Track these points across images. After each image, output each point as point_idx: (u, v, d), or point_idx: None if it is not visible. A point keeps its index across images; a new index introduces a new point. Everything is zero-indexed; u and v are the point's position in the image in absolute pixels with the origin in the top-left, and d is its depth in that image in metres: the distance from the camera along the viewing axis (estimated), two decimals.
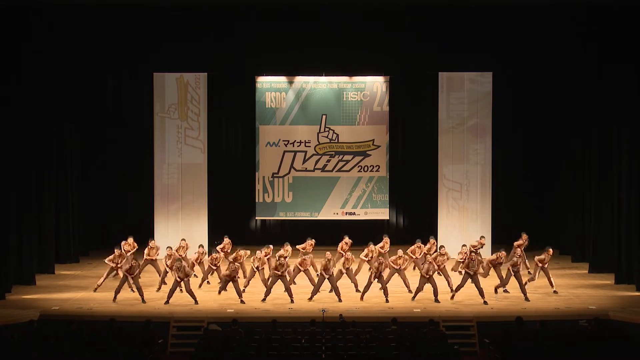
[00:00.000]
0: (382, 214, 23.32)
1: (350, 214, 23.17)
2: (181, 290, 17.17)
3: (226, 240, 19.55)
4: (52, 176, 20.70)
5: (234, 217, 23.86)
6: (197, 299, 16.85)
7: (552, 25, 20.46)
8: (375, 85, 23.00)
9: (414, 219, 24.24)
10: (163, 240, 21.15)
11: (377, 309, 16.41)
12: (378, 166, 23.14)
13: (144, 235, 21.31)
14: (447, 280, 17.86)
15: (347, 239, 19.33)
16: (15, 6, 18.36)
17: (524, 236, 19.40)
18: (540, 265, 17.98)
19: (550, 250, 18.10)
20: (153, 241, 19.30)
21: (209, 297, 17.39)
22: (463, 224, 22.29)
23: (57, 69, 20.47)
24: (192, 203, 22.53)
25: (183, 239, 19.54)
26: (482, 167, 22.39)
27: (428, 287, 17.16)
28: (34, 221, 19.57)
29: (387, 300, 16.97)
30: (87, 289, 18.37)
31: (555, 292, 17.80)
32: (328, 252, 17.39)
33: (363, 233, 20.84)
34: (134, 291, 17.37)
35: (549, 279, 17.91)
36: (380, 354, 12.92)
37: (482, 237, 20.03)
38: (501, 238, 22.02)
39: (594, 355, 12.88)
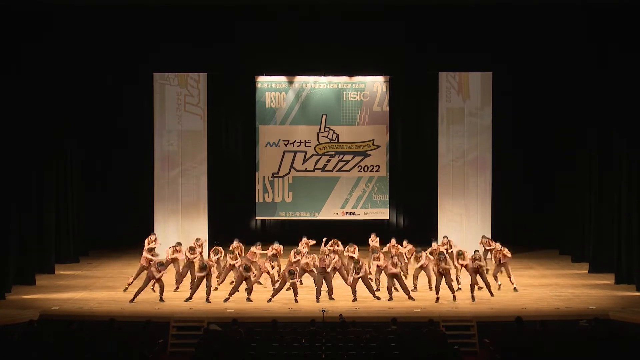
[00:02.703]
0: (382, 214, 23.33)
1: (350, 214, 23.18)
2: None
3: (236, 243, 18.92)
4: (52, 176, 20.70)
5: (234, 217, 23.87)
6: (192, 297, 17.04)
7: (552, 26, 20.43)
8: (375, 85, 23.01)
9: (414, 219, 24.26)
10: (162, 211, 21.96)
11: (377, 309, 16.41)
12: (378, 166, 23.14)
13: (144, 233, 21.35)
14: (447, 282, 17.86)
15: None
16: (16, 7, 18.36)
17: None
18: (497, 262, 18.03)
19: (498, 244, 18.18)
20: (154, 235, 19.20)
21: (210, 297, 17.35)
22: (464, 223, 22.24)
23: (57, 68, 20.45)
24: (191, 169, 22.42)
25: (199, 238, 19.38)
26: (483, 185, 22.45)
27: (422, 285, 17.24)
28: (34, 221, 19.56)
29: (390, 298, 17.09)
30: (87, 289, 18.36)
31: (515, 289, 17.85)
32: (325, 248, 17.45)
33: (363, 233, 20.81)
34: (154, 291, 17.34)
35: (508, 275, 17.98)
36: (380, 354, 12.92)
37: (444, 237, 19.63)
38: (501, 237, 22.06)
39: (594, 355, 12.89)
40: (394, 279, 17.10)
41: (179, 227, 22.15)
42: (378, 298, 17.04)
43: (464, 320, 15.84)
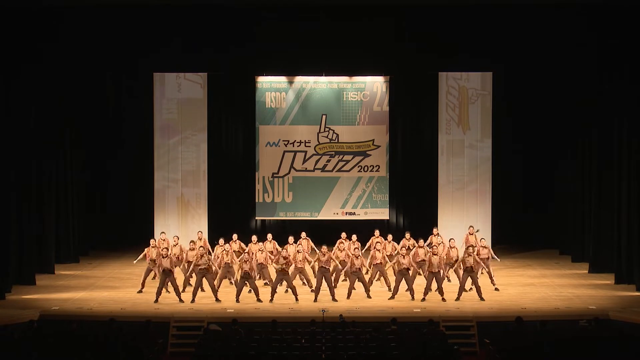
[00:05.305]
0: (382, 214, 23.31)
1: (350, 214, 23.17)
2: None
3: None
4: (52, 176, 20.69)
5: (234, 218, 23.85)
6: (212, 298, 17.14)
7: (552, 26, 20.41)
8: (375, 85, 23.00)
9: (414, 219, 24.24)
10: (162, 181, 22.01)
11: (377, 309, 16.42)
12: (378, 166, 23.13)
13: (145, 233, 21.35)
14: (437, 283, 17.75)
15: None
16: (18, 7, 18.37)
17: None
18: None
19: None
20: (164, 235, 19.04)
21: (209, 297, 17.37)
22: (464, 223, 22.22)
23: (57, 68, 20.46)
24: (191, 137, 22.37)
25: (200, 231, 19.51)
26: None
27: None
28: (34, 221, 19.56)
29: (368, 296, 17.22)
30: (87, 289, 18.37)
31: (496, 289, 17.87)
32: (324, 247, 17.38)
33: (363, 233, 20.78)
34: (168, 292, 17.31)
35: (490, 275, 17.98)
36: (380, 354, 12.92)
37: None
38: (500, 236, 22.12)
39: (594, 355, 12.88)
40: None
41: (179, 196, 22.15)
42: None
43: (464, 320, 15.85)
